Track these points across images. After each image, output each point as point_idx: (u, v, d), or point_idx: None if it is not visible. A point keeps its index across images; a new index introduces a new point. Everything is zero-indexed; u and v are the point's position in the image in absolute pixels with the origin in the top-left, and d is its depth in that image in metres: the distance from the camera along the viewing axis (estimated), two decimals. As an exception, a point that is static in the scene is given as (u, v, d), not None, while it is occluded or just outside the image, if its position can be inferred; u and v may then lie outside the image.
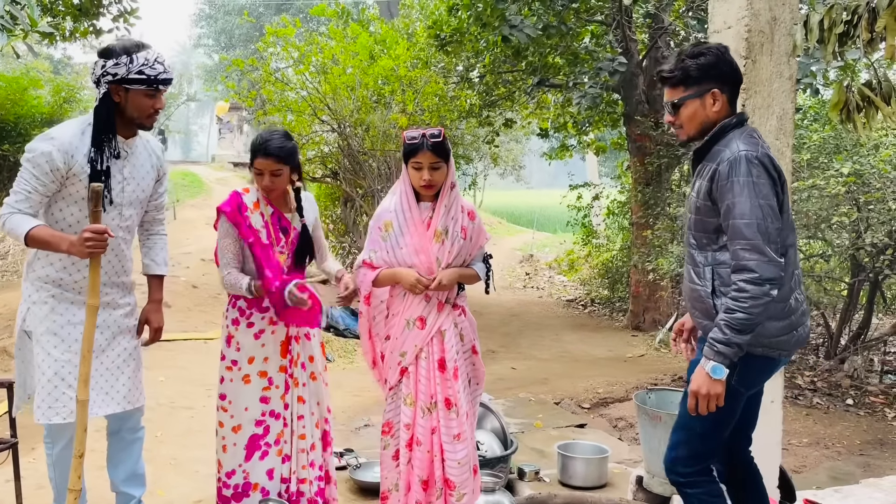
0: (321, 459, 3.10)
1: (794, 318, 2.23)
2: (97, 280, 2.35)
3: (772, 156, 2.17)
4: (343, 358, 7.32)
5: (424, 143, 2.66)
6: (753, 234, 2.06)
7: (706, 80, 2.21)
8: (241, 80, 10.47)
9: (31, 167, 2.41)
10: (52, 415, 2.47)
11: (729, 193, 2.10)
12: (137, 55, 2.42)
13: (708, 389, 2.11)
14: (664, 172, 8.81)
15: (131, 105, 2.48)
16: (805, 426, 5.40)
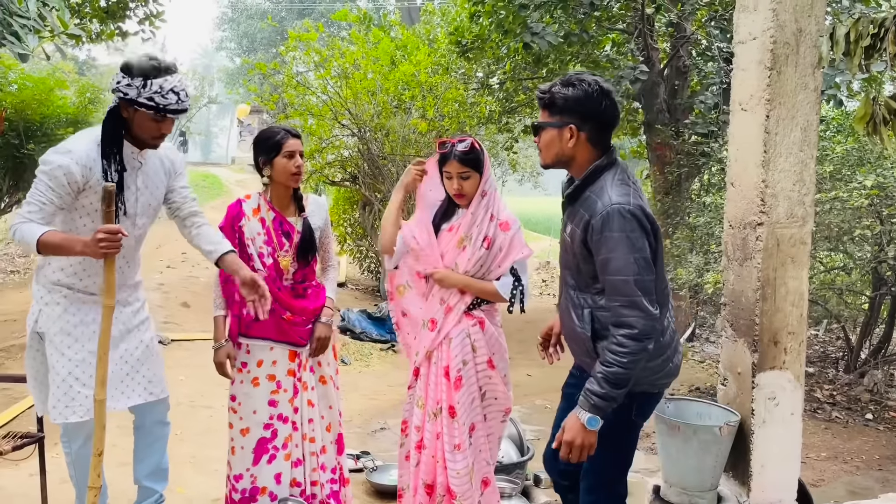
0: (334, 462, 3.13)
1: (668, 353, 2.26)
2: (112, 280, 2.36)
3: (643, 205, 2.13)
4: (359, 361, 7.35)
5: (452, 153, 2.70)
6: (631, 291, 2.05)
7: (568, 113, 2.18)
8: (264, 84, 10.56)
9: (47, 179, 2.40)
10: (68, 413, 2.50)
11: (603, 248, 2.08)
12: (153, 81, 2.41)
13: (582, 440, 2.11)
14: (684, 182, 8.77)
15: (137, 124, 2.49)
16: (824, 440, 5.35)
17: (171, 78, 2.45)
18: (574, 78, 2.20)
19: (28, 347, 2.60)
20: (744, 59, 3.03)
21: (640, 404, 2.27)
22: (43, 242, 2.33)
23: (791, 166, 2.92)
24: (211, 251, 2.67)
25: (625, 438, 2.31)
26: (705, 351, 8.43)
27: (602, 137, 2.21)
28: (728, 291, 3.14)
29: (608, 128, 2.22)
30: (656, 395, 2.35)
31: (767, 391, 2.96)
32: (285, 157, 2.90)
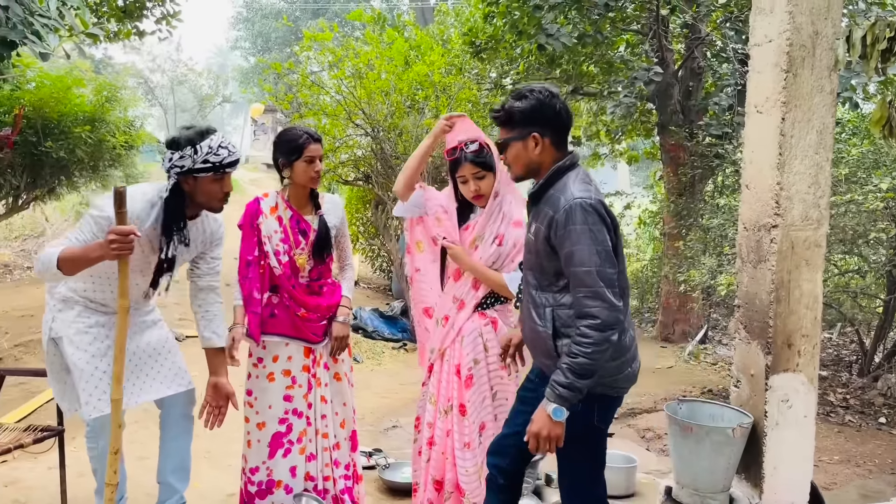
0: (347, 458, 3.17)
1: (627, 357, 2.28)
2: (126, 281, 2.40)
3: (603, 201, 2.20)
4: (371, 359, 7.38)
5: (463, 157, 2.75)
6: (594, 282, 2.09)
7: (527, 123, 2.23)
8: (278, 84, 10.60)
9: (93, 223, 2.48)
10: (102, 406, 2.55)
11: (567, 241, 2.13)
12: (201, 145, 2.48)
13: (549, 431, 2.13)
14: (698, 183, 8.75)
15: (200, 192, 2.55)
16: (836, 443, 5.33)
17: (214, 136, 2.52)
18: (524, 90, 2.28)
19: (46, 354, 2.65)
20: (759, 62, 3.03)
21: (601, 408, 2.29)
22: (62, 259, 2.37)
23: (806, 169, 2.92)
24: (207, 337, 2.80)
25: (592, 444, 2.33)
26: (717, 353, 8.40)
27: (563, 139, 2.29)
28: (742, 293, 3.14)
29: (566, 129, 2.30)
30: (616, 399, 2.36)
31: (781, 393, 2.96)
32: (306, 161, 2.95)
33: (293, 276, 3.02)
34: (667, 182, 9.23)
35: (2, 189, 9.37)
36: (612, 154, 11.82)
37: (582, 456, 2.30)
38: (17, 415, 4.26)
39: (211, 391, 2.76)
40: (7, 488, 3.08)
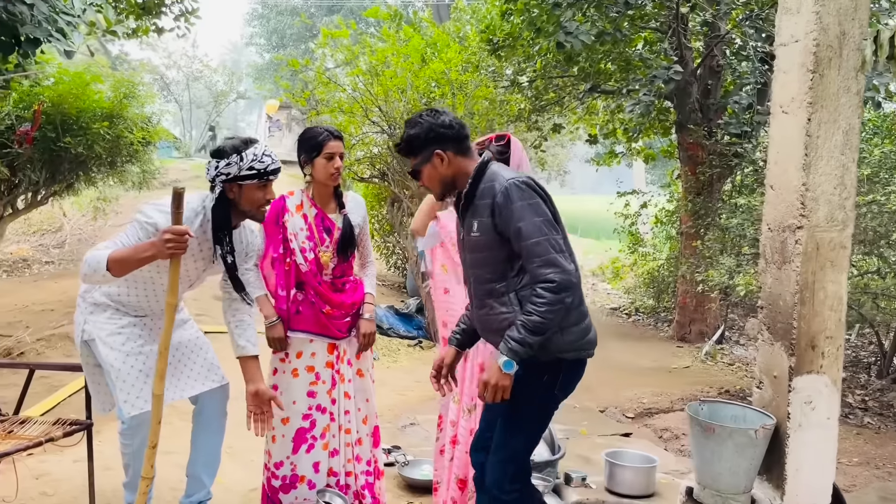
0: (369, 454, 3.19)
1: (589, 320, 2.44)
2: (176, 279, 2.45)
3: (533, 177, 2.36)
4: (387, 357, 7.41)
5: (489, 148, 2.78)
6: (545, 250, 2.22)
7: (427, 146, 2.38)
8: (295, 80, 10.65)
9: (139, 229, 2.54)
10: (141, 404, 2.60)
11: (512, 220, 2.25)
12: (246, 153, 2.55)
13: (497, 381, 2.24)
14: (716, 182, 8.70)
15: (245, 199, 2.62)
16: (855, 445, 5.30)
17: (258, 146, 2.61)
18: (413, 119, 2.44)
19: (81, 355, 2.70)
20: (785, 62, 3.01)
21: (566, 374, 2.39)
22: (112, 260, 2.41)
23: (832, 170, 2.90)
24: (242, 346, 2.82)
25: (546, 413, 2.45)
26: (734, 353, 8.37)
27: (464, 146, 2.42)
28: (765, 294, 3.13)
29: (463, 138, 2.42)
30: (580, 363, 2.45)
31: (804, 395, 2.95)
32: (325, 157, 2.99)
33: (318, 274, 3.06)
34: (684, 181, 9.19)
35: (21, 184, 9.47)
36: (628, 152, 11.78)
37: (530, 422, 2.41)
38: (41, 408, 4.31)
39: (252, 399, 2.80)
40: (36, 480, 3.13)
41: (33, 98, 8.67)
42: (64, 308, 7.74)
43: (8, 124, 8.50)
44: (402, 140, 2.45)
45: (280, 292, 3.03)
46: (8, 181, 9.23)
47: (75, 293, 7.99)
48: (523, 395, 2.32)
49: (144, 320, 2.72)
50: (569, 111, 10.73)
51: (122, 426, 2.70)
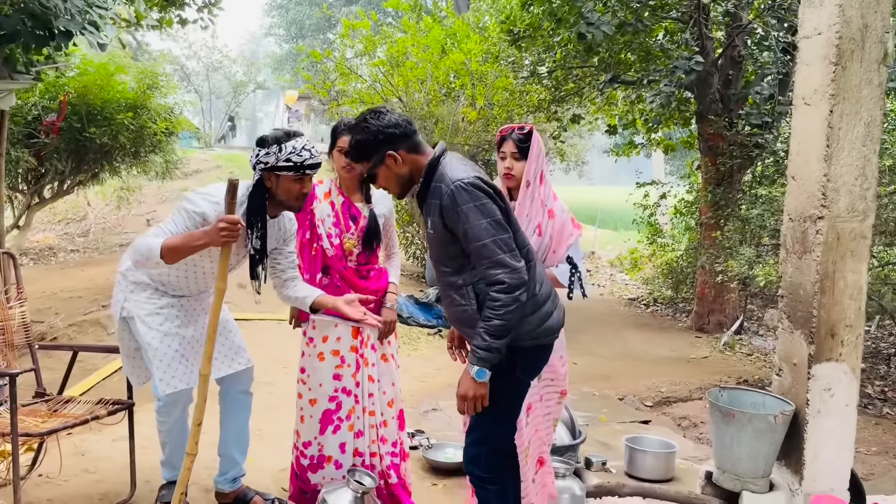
0: (395, 436, 3.29)
1: (548, 307, 2.44)
2: (226, 266, 2.56)
3: (481, 175, 2.34)
4: (407, 345, 7.51)
5: (510, 134, 2.92)
6: (492, 252, 2.24)
7: (377, 148, 2.35)
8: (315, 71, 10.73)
9: (186, 217, 2.63)
10: (176, 383, 2.71)
11: (460, 222, 2.27)
12: (286, 144, 2.61)
13: (474, 392, 2.30)
14: (736, 173, 8.69)
15: (281, 189, 2.67)
16: (874, 435, 5.33)
17: (300, 139, 2.66)
18: (356, 123, 2.41)
19: (118, 331, 2.80)
20: (808, 54, 3.05)
21: (525, 360, 2.44)
22: (166, 248, 2.53)
23: (853, 161, 2.94)
24: (304, 297, 2.88)
25: (508, 394, 2.47)
26: (753, 344, 8.38)
27: (414, 143, 2.40)
28: (786, 284, 3.18)
29: (411, 132, 2.40)
30: (540, 349, 2.49)
31: (823, 382, 3.00)
32: (338, 150, 3.09)
33: (343, 259, 3.16)
34: (704, 171, 9.18)
35: (48, 174, 9.65)
36: (648, 143, 11.76)
37: (496, 403, 2.41)
38: (79, 389, 4.46)
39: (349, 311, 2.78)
40: (77, 458, 3.26)
41: (59, 89, 8.83)
42: (91, 295, 7.91)
43: (35, 115, 8.66)
44: (351, 147, 2.43)
45: (305, 276, 3.14)
46: (35, 171, 9.41)
47: (102, 281, 8.16)
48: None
49: (182, 301, 2.81)
50: (588, 101, 10.74)
51: (158, 404, 2.81)
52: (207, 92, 32.60)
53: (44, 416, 2.78)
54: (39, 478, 3.05)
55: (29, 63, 5.76)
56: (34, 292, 8.35)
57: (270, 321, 7.15)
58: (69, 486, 3.02)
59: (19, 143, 8.48)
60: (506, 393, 2.46)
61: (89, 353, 4.36)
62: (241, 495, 3.00)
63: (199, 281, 2.80)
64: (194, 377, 2.75)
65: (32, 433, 2.55)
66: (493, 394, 2.40)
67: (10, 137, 7.49)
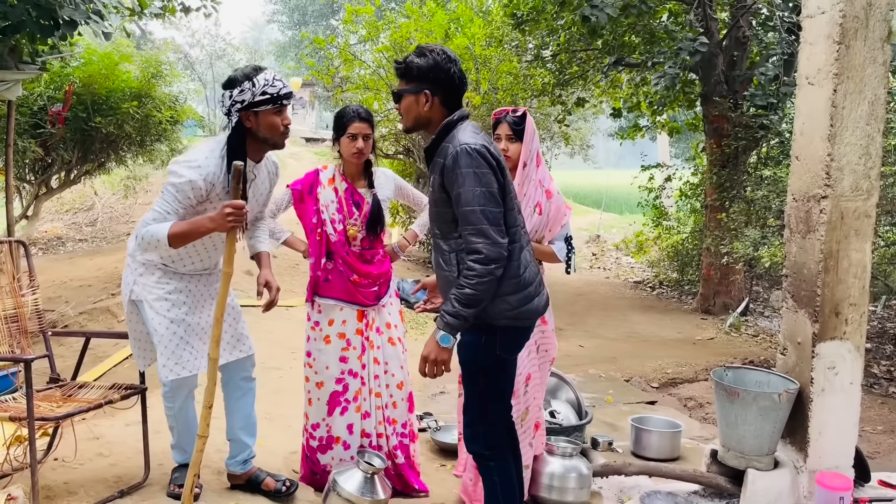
0: (405, 417, 3.35)
1: (531, 290, 2.44)
2: (233, 251, 2.57)
3: (489, 146, 2.36)
4: (415, 329, 7.56)
5: (505, 117, 2.99)
6: (478, 220, 2.25)
7: (422, 80, 2.39)
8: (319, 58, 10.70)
9: (175, 191, 2.58)
10: (179, 370, 2.73)
11: (455, 184, 2.28)
12: (257, 78, 2.56)
13: (436, 356, 2.33)
14: (741, 155, 8.67)
15: (263, 126, 2.61)
16: (880, 414, 5.35)
17: (268, 70, 2.62)
18: (426, 49, 2.43)
19: (127, 314, 2.83)
20: (812, 33, 3.04)
21: (504, 339, 2.44)
22: (172, 235, 2.52)
23: (857, 140, 2.95)
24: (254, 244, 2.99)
25: (495, 373, 2.50)
26: (759, 325, 8.40)
27: (453, 99, 2.44)
28: (790, 263, 3.19)
29: (458, 91, 2.45)
30: (521, 329, 2.51)
31: (827, 360, 3.03)
32: (348, 137, 3.13)
33: (347, 244, 3.20)
34: (709, 153, 9.17)
35: (55, 164, 9.70)
36: (652, 126, 11.73)
37: (483, 384, 2.48)
38: (92, 375, 4.53)
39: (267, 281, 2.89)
40: (91, 443, 3.32)
41: (64, 79, 8.85)
42: (100, 284, 7.98)
43: (41, 105, 8.70)
44: (405, 61, 2.44)
45: (311, 260, 3.21)
46: (42, 161, 9.47)
47: (110, 269, 8.22)
48: (468, 358, 2.45)
49: (190, 286, 2.82)
50: (593, 85, 10.71)
51: (164, 389, 2.85)
52: (211, 80, 32.55)
53: (58, 401, 2.83)
54: (55, 462, 3.10)
55: (34, 53, 5.79)
56: (44, 282, 8.41)
57: (279, 307, 7.20)
58: (84, 470, 3.07)
59: (26, 133, 8.53)
60: (494, 371, 2.50)
61: (100, 340, 4.41)
62: (252, 477, 3.04)
63: (204, 258, 2.81)
64: (198, 364, 2.77)
65: (48, 417, 2.60)
66: (482, 373, 2.46)
67: (17, 128, 7.52)
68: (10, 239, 3.15)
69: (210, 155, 2.63)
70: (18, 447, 2.96)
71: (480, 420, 2.54)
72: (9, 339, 3.03)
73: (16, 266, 3.15)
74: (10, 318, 3.07)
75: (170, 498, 2.89)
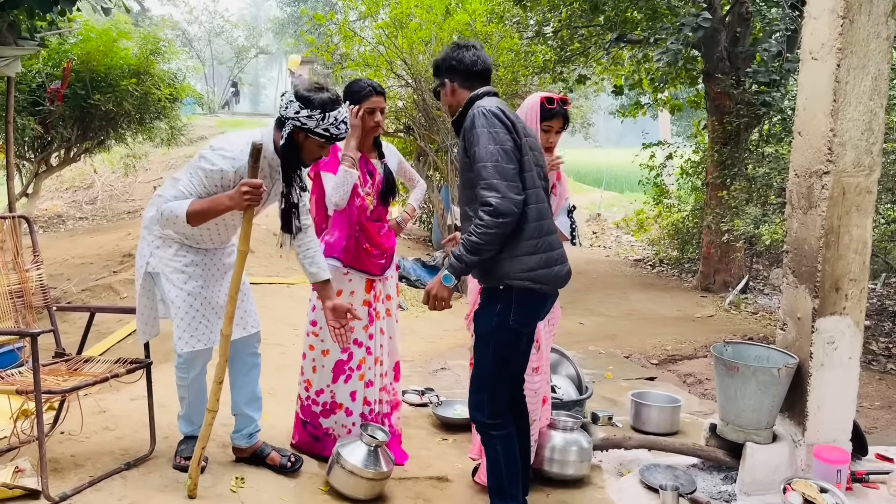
0: (390, 387, 3.42)
1: (550, 256, 2.53)
2: (249, 229, 2.61)
3: (505, 109, 2.51)
4: (415, 307, 7.59)
5: (560, 111, 3.03)
6: (490, 175, 2.37)
7: (441, 74, 2.69)
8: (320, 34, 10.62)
9: (204, 176, 2.62)
10: (194, 342, 2.76)
11: (472, 144, 2.44)
12: (330, 114, 2.59)
13: (437, 291, 2.52)
14: (743, 132, 8.64)
15: (306, 150, 2.68)
16: (878, 390, 5.40)
17: (342, 109, 2.64)
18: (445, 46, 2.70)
19: (139, 286, 2.84)
20: (816, 8, 3.03)
21: (519, 307, 2.51)
22: (191, 213, 2.58)
23: (860, 115, 2.95)
24: (314, 273, 2.95)
25: (507, 344, 2.57)
26: (758, 303, 8.43)
27: (471, 81, 2.64)
28: (791, 239, 3.21)
29: (472, 72, 2.63)
30: (537, 297, 2.56)
31: (826, 336, 3.05)
32: (367, 112, 3.11)
33: (366, 211, 3.23)
34: (711, 131, 9.14)
35: (54, 142, 9.66)
36: (654, 103, 11.68)
37: (493, 354, 2.56)
38: (97, 350, 4.55)
39: (330, 314, 2.89)
40: (97, 416, 3.35)
41: (62, 55, 8.78)
42: (102, 261, 7.99)
43: (39, 82, 8.64)
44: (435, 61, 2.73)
45: (327, 236, 3.22)
46: (41, 138, 9.42)
47: (111, 247, 8.20)
48: (481, 325, 2.56)
49: (206, 260, 2.84)
50: (594, 62, 10.64)
51: (178, 360, 2.88)
52: (210, 58, 32.31)
53: (64, 374, 2.85)
54: (62, 435, 3.13)
55: (33, 29, 5.75)
56: (45, 259, 8.39)
57: (280, 285, 7.23)
58: (90, 443, 3.11)
59: (25, 110, 8.48)
60: (505, 342, 2.55)
61: (104, 317, 4.44)
62: (258, 451, 3.08)
63: (220, 233, 2.83)
64: (213, 337, 2.80)
65: (55, 391, 2.62)
66: (493, 342, 2.53)
67: (16, 105, 7.49)
68: (13, 214, 3.15)
69: (246, 148, 2.63)
70: (25, 420, 2.99)
71: (486, 389, 2.59)
72: (14, 314, 3.05)
73: (19, 241, 3.15)
74: (14, 294, 3.08)
75: (176, 470, 2.93)
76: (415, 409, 4.19)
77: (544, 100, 2.99)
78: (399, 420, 3.49)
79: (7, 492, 2.51)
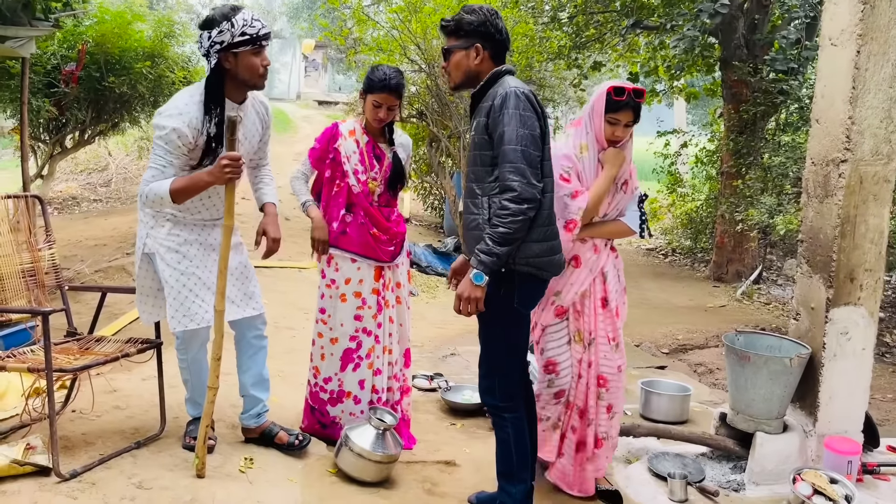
0: (402, 373, 3.41)
1: (554, 245, 2.54)
2: (232, 203, 2.58)
3: (535, 94, 2.47)
4: (426, 293, 7.59)
5: (630, 103, 2.77)
6: (517, 158, 2.33)
7: (473, 35, 2.49)
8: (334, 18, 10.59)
9: (164, 143, 2.58)
10: (187, 322, 2.75)
11: (500, 124, 2.37)
12: (236, 18, 2.53)
13: (469, 293, 2.38)
14: (759, 121, 8.54)
15: (242, 67, 2.60)
16: (890, 382, 5.36)
17: (245, 10, 2.59)
18: (474, 6, 2.52)
19: (138, 268, 2.85)
20: (836, -7, 2.97)
21: (522, 291, 2.49)
22: (174, 191, 2.56)
23: (880, 103, 2.90)
24: (260, 196, 3.02)
25: (511, 326, 2.56)
26: (771, 293, 8.37)
27: (501, 55, 2.54)
28: (806, 228, 3.17)
29: (505, 47, 2.55)
30: (539, 282, 2.55)
31: (840, 326, 3.02)
32: (372, 103, 3.14)
33: (371, 195, 3.21)
34: (727, 119, 9.04)
35: (69, 124, 9.71)
36: (670, 91, 11.56)
37: (498, 335, 2.55)
38: (108, 330, 4.58)
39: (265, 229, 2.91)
40: (108, 395, 3.38)
41: (77, 38, 8.79)
42: (115, 243, 8.03)
43: (54, 64, 8.67)
44: (453, 18, 2.52)
45: (328, 219, 3.22)
46: (56, 120, 9.47)
47: (125, 229, 8.24)
48: (486, 310, 2.46)
49: (200, 237, 2.83)
50: (610, 48, 10.55)
51: (177, 341, 2.89)
52: (224, 41, 32.25)
53: (76, 353, 2.87)
54: (73, 413, 3.16)
55: (47, 10, 5.75)
56: (59, 240, 8.45)
57: (292, 269, 7.25)
58: (101, 422, 3.13)
59: (40, 92, 8.52)
60: (510, 324, 2.54)
61: (116, 296, 4.47)
62: (266, 430, 3.09)
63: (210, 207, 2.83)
64: (207, 317, 2.78)
65: (66, 369, 2.64)
66: (499, 326, 2.52)
67: (31, 87, 7.51)
68: (26, 194, 3.17)
69: (189, 101, 2.62)
70: (37, 398, 3.02)
71: (496, 372, 2.59)
72: (26, 293, 3.07)
73: (32, 221, 3.17)
74: (27, 273, 3.10)
75: (185, 449, 2.95)
76: (424, 394, 4.20)
77: (612, 89, 2.75)
78: (409, 405, 3.50)
79: (18, 468, 2.53)
